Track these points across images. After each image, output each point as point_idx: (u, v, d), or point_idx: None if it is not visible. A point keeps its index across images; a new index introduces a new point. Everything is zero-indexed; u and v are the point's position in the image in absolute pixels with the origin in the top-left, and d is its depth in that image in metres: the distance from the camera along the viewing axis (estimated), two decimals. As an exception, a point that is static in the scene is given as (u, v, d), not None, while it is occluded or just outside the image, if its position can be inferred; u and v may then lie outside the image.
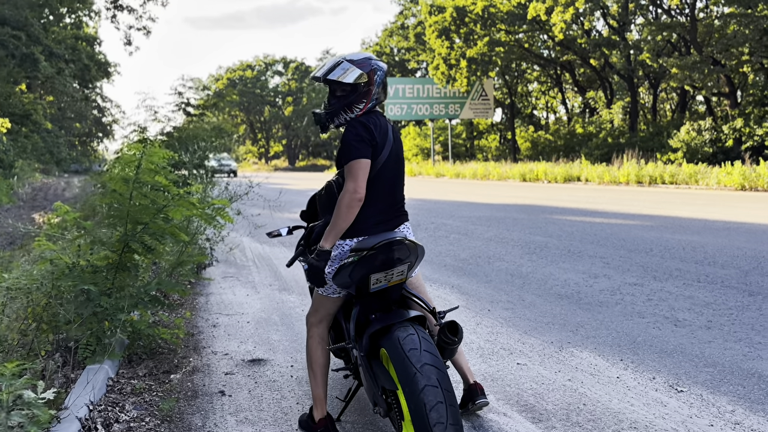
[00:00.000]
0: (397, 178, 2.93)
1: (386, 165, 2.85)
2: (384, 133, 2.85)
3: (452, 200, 16.55)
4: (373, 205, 2.82)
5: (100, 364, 3.75)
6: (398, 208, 2.95)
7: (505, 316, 5.08)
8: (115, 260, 4.14)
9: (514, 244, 8.43)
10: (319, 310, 3.06)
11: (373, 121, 2.83)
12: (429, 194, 19.34)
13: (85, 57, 34.44)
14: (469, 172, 30.53)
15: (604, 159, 27.71)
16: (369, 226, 2.83)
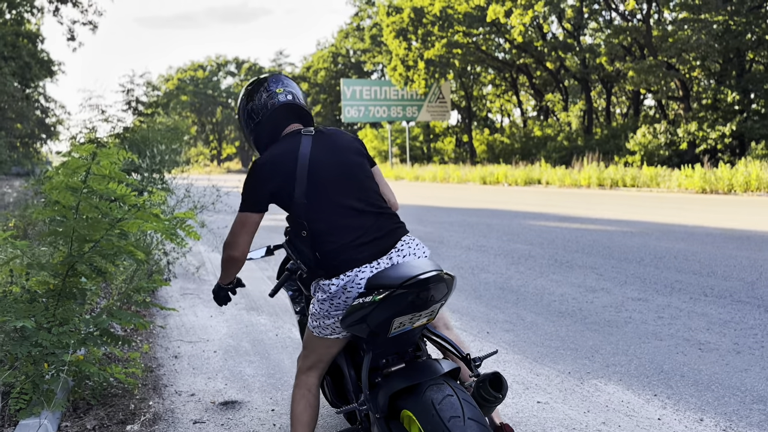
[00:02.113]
0: (350, 187, 2.35)
1: (320, 182, 2.30)
2: (290, 159, 2.33)
3: (418, 204, 16.07)
4: (336, 233, 2.28)
5: (38, 417, 3.03)
6: (382, 219, 2.36)
7: (508, 339, 4.55)
8: (58, 286, 3.42)
9: (496, 254, 7.95)
10: (310, 355, 2.47)
11: (273, 156, 2.36)
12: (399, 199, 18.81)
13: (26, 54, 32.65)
14: (428, 174, 30.21)
15: (563, 162, 27.75)
16: (348, 255, 2.27)
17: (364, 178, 2.40)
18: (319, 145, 2.37)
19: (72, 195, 3.26)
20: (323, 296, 2.32)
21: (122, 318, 3.49)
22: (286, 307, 5.60)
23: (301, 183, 2.29)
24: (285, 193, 2.31)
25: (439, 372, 2.15)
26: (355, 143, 2.48)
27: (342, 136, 2.46)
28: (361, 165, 2.42)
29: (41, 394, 3.13)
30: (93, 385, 3.53)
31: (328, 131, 2.46)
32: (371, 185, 2.41)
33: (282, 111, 2.49)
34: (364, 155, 2.49)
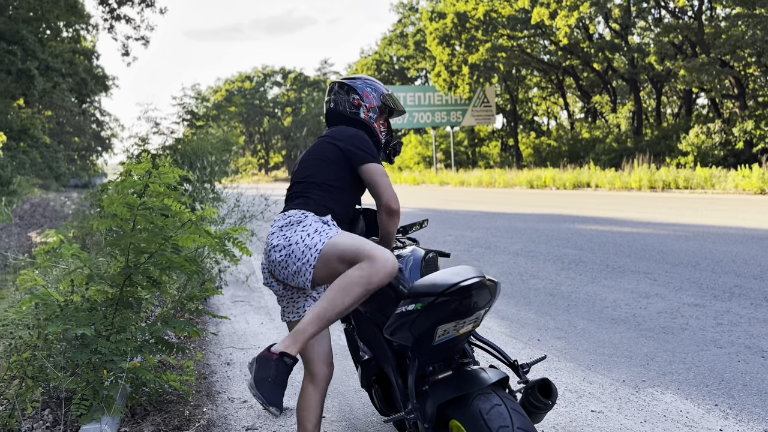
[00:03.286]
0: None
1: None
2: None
3: (464, 210, 15.96)
4: None
5: (98, 423, 3.12)
6: (296, 187, 2.69)
7: (560, 347, 4.46)
8: (115, 295, 3.52)
9: (545, 259, 7.82)
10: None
11: None
12: (437, 203, 18.76)
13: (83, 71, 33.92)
14: (473, 179, 29.99)
15: (612, 164, 27.15)
16: None
17: (310, 170, 2.66)
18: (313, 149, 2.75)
19: (128, 210, 3.36)
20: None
21: (176, 326, 3.56)
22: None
23: None
24: None
25: (487, 382, 2.13)
26: (328, 148, 2.65)
27: (322, 141, 2.71)
28: (314, 165, 2.67)
29: (101, 400, 3.22)
30: (149, 392, 3.62)
31: (326, 134, 2.75)
32: (308, 171, 2.65)
33: (330, 115, 2.87)
34: (332, 158, 2.63)
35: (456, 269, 2.21)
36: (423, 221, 3.22)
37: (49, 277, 5.34)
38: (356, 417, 3.45)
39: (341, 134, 2.67)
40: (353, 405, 3.62)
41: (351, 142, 2.62)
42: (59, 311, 3.26)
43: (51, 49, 30.74)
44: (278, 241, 2.45)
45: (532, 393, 2.29)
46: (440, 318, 2.13)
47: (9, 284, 6.71)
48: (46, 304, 3.29)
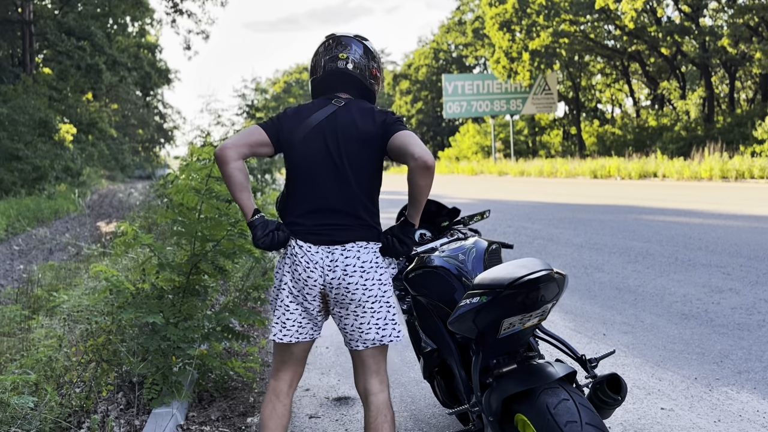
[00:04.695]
0: (330, 177, 2.33)
1: (305, 153, 2.34)
2: (305, 115, 2.39)
3: (524, 200, 15.74)
4: (293, 199, 2.38)
5: (168, 407, 3.25)
6: (335, 217, 2.31)
7: (627, 342, 4.36)
8: (183, 283, 3.65)
9: (610, 252, 7.64)
10: (275, 355, 2.49)
11: (299, 106, 2.45)
12: (496, 194, 18.56)
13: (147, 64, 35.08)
14: (534, 169, 29.51)
15: (680, 153, 26.19)
16: (289, 221, 2.37)
17: (349, 177, 2.33)
18: (334, 119, 2.35)
19: (195, 196, 3.47)
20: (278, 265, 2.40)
21: (241, 315, 3.67)
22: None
23: (295, 139, 2.34)
24: (281, 136, 2.37)
25: (554, 377, 2.10)
26: (365, 128, 2.33)
27: (357, 123, 2.34)
28: (362, 165, 2.34)
29: (170, 385, 3.35)
30: (215, 378, 3.74)
31: (358, 107, 2.37)
32: (352, 187, 2.33)
33: (336, 76, 2.42)
34: (372, 144, 2.33)
35: (523, 261, 2.19)
36: (485, 212, 3.19)
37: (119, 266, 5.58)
38: (418, 408, 3.47)
39: (368, 109, 2.39)
40: (415, 396, 3.64)
41: (393, 116, 2.38)
42: (131, 299, 3.41)
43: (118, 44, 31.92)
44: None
45: (601, 388, 2.25)
46: (506, 311, 2.12)
47: (82, 272, 7.04)
48: (119, 292, 3.44)
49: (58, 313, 4.45)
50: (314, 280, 2.28)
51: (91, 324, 3.68)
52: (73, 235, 11.96)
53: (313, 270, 2.28)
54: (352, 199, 2.32)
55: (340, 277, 2.27)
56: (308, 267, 2.28)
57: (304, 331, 2.38)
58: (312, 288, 2.30)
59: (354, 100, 2.41)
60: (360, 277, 2.28)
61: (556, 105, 38.53)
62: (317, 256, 2.28)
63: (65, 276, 7.01)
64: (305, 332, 2.38)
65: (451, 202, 3.36)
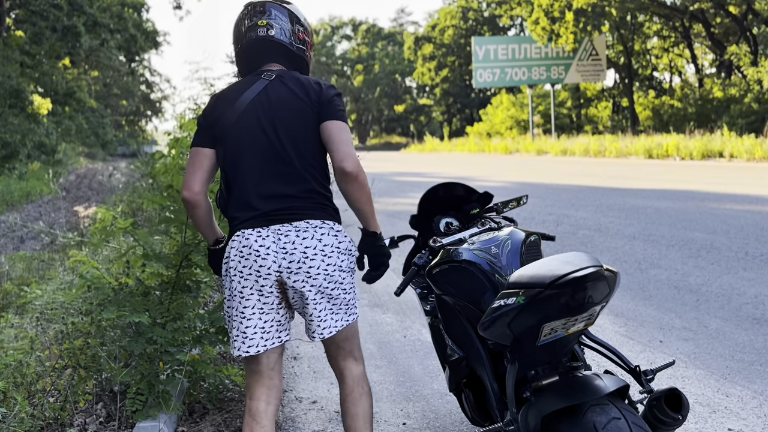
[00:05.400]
0: (270, 160, 2.46)
1: (239, 137, 2.47)
2: (233, 97, 2.52)
3: (567, 184, 15.66)
4: (233, 192, 2.50)
5: (154, 421, 3.26)
6: (282, 201, 2.45)
7: (687, 350, 4.32)
8: (171, 278, 3.67)
9: (668, 244, 7.58)
10: (246, 375, 2.58)
11: (225, 89, 2.59)
12: (534, 176, 18.48)
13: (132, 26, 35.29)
14: (578, 147, 29.31)
15: (751, 129, 25.82)
16: (231, 229, 2.50)
17: (288, 147, 2.45)
18: (265, 95, 2.48)
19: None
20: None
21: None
22: (414, 305, 5.66)
23: (226, 126, 2.47)
24: (215, 133, 2.50)
25: (604, 391, 2.08)
26: (300, 103, 2.47)
27: (290, 97, 2.47)
28: (297, 133, 2.47)
29: (157, 395, 3.37)
30: (209, 388, 3.76)
31: (290, 79, 2.50)
32: (291, 158, 2.45)
33: (259, 46, 2.55)
34: (307, 118, 2.47)
35: (567, 256, 2.17)
36: (521, 197, 3.17)
37: (99, 257, 5.62)
38: (442, 425, 3.46)
39: (309, 84, 2.52)
40: (438, 411, 3.64)
41: (329, 93, 2.51)
42: (113, 296, 3.42)
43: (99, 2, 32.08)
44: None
45: (658, 405, 2.23)
46: (547, 314, 2.10)
47: (57, 263, 7.11)
48: (98, 288, 3.45)
49: (30, 311, 4.49)
50: (267, 267, 2.37)
51: (67, 324, 3.70)
52: (47, 221, 12.09)
53: (264, 257, 2.37)
54: (298, 180, 2.44)
55: (300, 260, 2.37)
56: (258, 254, 2.37)
57: (270, 336, 2.44)
58: (266, 278, 2.38)
59: (286, 71, 2.54)
60: (321, 261, 2.39)
61: (604, 73, 38.13)
62: (268, 240, 2.38)
63: (38, 268, 7.08)
64: (271, 337, 2.44)
65: (481, 185, 3.34)
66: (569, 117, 44.63)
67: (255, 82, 2.51)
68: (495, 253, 2.61)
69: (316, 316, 2.43)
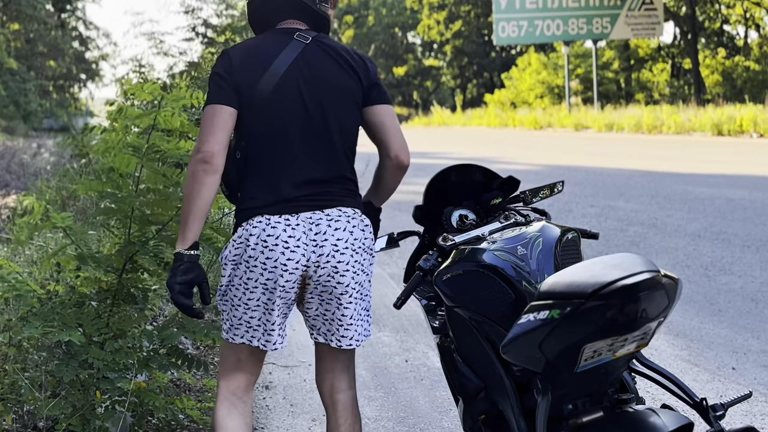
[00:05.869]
0: (311, 139, 2.67)
1: (275, 109, 2.64)
2: (264, 59, 2.66)
3: (614, 167, 15.73)
4: (258, 173, 2.66)
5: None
6: (318, 187, 2.66)
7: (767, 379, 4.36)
8: (112, 284, 3.67)
9: (742, 245, 7.65)
10: (227, 359, 2.83)
11: (249, 47, 2.77)
12: (572, 158, 18.56)
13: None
14: (627, 121, 29.35)
15: None
16: (249, 210, 2.63)
17: (333, 132, 2.67)
18: (304, 62, 2.66)
19: (132, 157, 3.48)
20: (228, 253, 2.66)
21: (196, 330, 3.68)
22: (419, 320, 5.67)
23: (261, 92, 2.62)
24: (243, 96, 2.63)
25: (663, 430, 2.10)
26: (348, 79, 2.69)
27: (336, 64, 2.69)
28: (343, 115, 2.70)
29: (93, 433, 3.39)
30: (158, 424, 3.78)
31: (329, 47, 2.71)
32: (335, 145, 2.68)
33: (277, 3, 2.77)
34: (354, 97, 2.71)
35: (614, 259, 2.18)
36: (555, 184, 3.18)
37: (19, 259, 5.62)
38: (455, 472, 3.48)
39: (353, 55, 2.76)
40: (450, 454, 3.65)
41: (374, 71, 2.76)
42: (38, 307, 3.43)
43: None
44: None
45: (733, 449, 2.24)
46: (588, 333, 2.11)
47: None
48: (20, 297, 3.45)
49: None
50: (295, 262, 2.54)
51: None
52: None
53: (294, 249, 2.54)
54: (338, 164, 2.68)
55: (329, 254, 2.57)
56: (287, 246, 2.53)
57: (285, 330, 2.73)
58: (292, 273, 2.56)
59: (322, 35, 2.74)
60: (350, 257, 2.61)
61: (661, 26, 38.14)
62: (298, 230, 2.55)
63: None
64: (285, 330, 2.73)
65: (504, 169, 3.35)
66: (616, 82, 44.70)
67: (287, 43, 2.67)
68: (522, 254, 2.61)
69: (346, 320, 2.67)
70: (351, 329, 2.68)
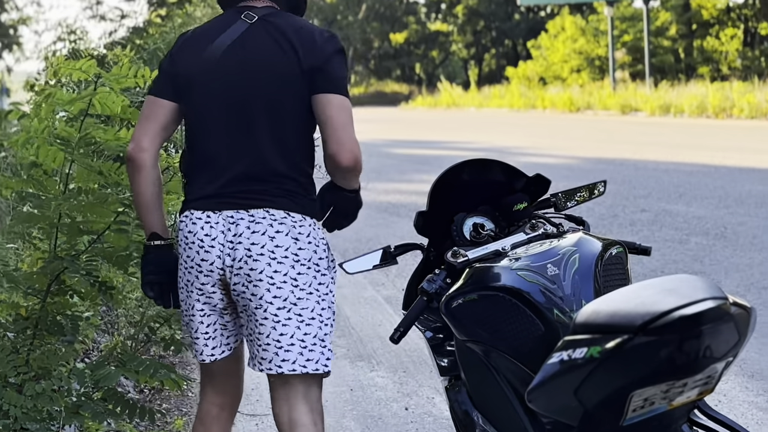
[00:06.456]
0: (236, 130, 2.92)
1: (205, 97, 2.93)
2: (204, 43, 2.96)
3: (670, 162, 15.77)
4: (192, 168, 2.99)
5: None
6: (244, 184, 2.90)
7: None
8: (33, 311, 3.69)
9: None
10: (201, 376, 3.22)
11: (197, 31, 3.10)
12: (617, 149, 18.60)
13: None
14: (688, 102, 29.41)
15: None
16: (183, 204, 3.00)
17: (267, 119, 2.89)
18: (240, 44, 2.91)
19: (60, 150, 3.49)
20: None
21: (139, 369, 3.70)
22: (422, 357, 5.68)
23: (192, 77, 2.92)
24: (179, 84, 2.95)
25: None
26: (284, 62, 2.86)
27: (275, 44, 2.89)
28: (276, 101, 2.90)
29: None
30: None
31: (274, 26, 2.91)
32: (268, 134, 2.88)
33: None
34: (292, 83, 2.87)
35: (669, 282, 2.21)
36: (595, 185, 3.20)
37: None
38: None
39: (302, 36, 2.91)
40: None
41: (327, 53, 2.89)
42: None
43: None
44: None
45: None
46: (637, 376, 2.12)
47: None
48: None
49: None
50: (210, 263, 2.85)
51: None
52: None
53: (208, 249, 2.84)
54: (270, 159, 2.87)
55: (242, 258, 2.81)
56: (202, 245, 2.85)
57: (216, 343, 3.01)
58: (208, 275, 2.87)
59: (275, 12, 2.96)
60: (267, 265, 2.81)
61: (731, -19, 38.23)
62: (217, 228, 2.84)
63: None
64: (218, 343, 3.02)
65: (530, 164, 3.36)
66: (673, 53, 44.74)
67: (233, 23, 2.94)
68: (553, 274, 2.62)
69: (263, 339, 2.85)
70: (269, 350, 2.83)
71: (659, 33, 44.50)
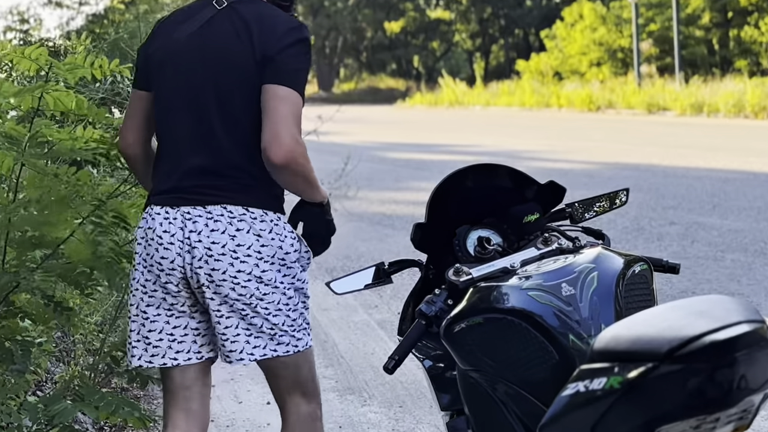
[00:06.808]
0: (192, 122, 3.11)
1: (164, 88, 3.15)
2: (173, 30, 3.19)
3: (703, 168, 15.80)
4: (159, 164, 3.19)
5: None
6: (200, 178, 3.07)
7: None
8: (-23, 336, 3.71)
9: None
10: (163, 393, 3.36)
11: (171, 17, 3.33)
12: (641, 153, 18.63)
13: None
14: (723, 100, 29.47)
15: None
16: (147, 199, 3.22)
17: (220, 117, 3.06)
18: (200, 32, 3.10)
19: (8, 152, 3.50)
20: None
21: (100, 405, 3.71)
22: (420, 390, 5.69)
23: (157, 68, 3.15)
24: (149, 71, 3.20)
25: None
26: (237, 50, 3.04)
27: (233, 32, 3.06)
28: (230, 87, 3.07)
29: None
30: None
31: (239, 14, 3.08)
32: (223, 133, 3.06)
33: None
34: (245, 73, 3.03)
35: (700, 303, 2.22)
36: (617, 193, 3.21)
37: None
38: None
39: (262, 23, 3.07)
40: None
41: (283, 43, 3.02)
42: None
43: None
44: None
45: None
46: (664, 410, 2.13)
47: None
48: None
49: None
50: (170, 260, 3.01)
51: None
52: None
53: (167, 246, 3.01)
54: (227, 151, 3.05)
55: (202, 258, 2.98)
56: (161, 242, 3.02)
57: (184, 348, 3.13)
58: (170, 273, 3.03)
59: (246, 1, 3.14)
60: (230, 265, 2.98)
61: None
62: (174, 225, 3.02)
63: None
64: (185, 349, 3.13)
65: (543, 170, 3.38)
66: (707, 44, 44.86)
67: (203, 8, 3.14)
68: (569, 295, 2.63)
69: (221, 333, 3.04)
70: (233, 345, 3.03)
71: (690, 21, 44.64)
